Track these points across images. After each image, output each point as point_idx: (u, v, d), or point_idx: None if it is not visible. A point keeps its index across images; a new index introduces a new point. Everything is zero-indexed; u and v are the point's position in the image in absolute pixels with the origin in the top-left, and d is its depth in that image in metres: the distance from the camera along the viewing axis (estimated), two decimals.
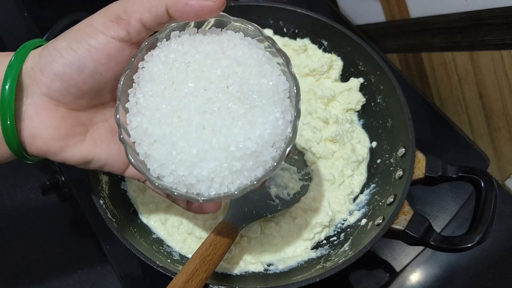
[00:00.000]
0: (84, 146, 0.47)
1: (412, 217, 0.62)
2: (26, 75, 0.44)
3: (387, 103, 0.76)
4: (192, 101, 0.44)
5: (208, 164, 0.43)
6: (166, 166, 0.44)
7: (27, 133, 0.44)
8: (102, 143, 0.48)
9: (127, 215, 0.67)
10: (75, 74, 0.44)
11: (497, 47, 0.80)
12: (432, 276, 0.76)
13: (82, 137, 0.47)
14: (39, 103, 0.44)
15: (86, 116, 0.48)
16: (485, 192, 0.62)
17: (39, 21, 0.98)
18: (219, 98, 0.44)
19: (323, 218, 0.69)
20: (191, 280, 0.51)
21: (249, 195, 0.66)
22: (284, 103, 0.45)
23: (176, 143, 0.43)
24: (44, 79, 0.44)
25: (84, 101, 0.47)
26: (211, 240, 0.57)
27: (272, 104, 0.44)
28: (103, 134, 0.49)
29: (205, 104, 0.43)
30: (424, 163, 0.67)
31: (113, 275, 0.72)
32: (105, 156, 0.49)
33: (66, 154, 0.46)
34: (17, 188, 0.82)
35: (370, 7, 1.03)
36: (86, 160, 0.48)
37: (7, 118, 0.43)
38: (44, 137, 0.45)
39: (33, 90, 0.44)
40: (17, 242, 0.77)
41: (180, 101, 0.44)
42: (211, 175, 0.43)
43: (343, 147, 0.75)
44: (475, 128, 0.93)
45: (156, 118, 0.44)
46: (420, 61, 0.99)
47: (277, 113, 0.44)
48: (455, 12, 0.85)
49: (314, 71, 0.81)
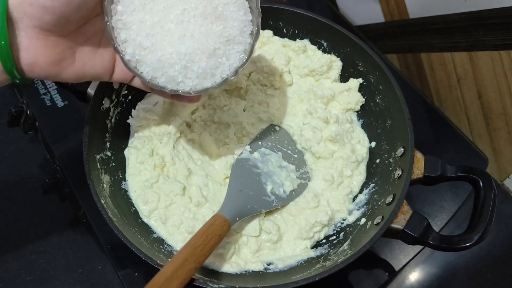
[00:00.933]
0: (75, 66, 0.54)
1: (411, 217, 0.62)
2: (15, 10, 0.48)
3: (386, 103, 0.76)
4: (171, 12, 0.53)
5: (196, 64, 0.54)
6: (157, 69, 0.55)
7: (25, 62, 0.50)
8: (89, 60, 0.55)
9: (127, 214, 0.67)
10: (64, 6, 0.48)
11: (496, 47, 0.80)
12: (431, 275, 0.76)
13: (73, 59, 0.54)
14: (32, 35, 0.49)
15: (72, 39, 0.54)
16: (484, 192, 0.63)
17: None
18: (192, 8, 0.53)
19: (323, 217, 0.69)
20: (180, 269, 0.52)
21: (245, 190, 0.68)
22: (245, 6, 0.57)
23: (165, 50, 0.53)
24: (35, 13, 0.48)
25: (72, 27, 0.52)
26: (202, 231, 0.58)
27: (237, 10, 0.56)
28: (87, 53, 0.55)
29: (181, 14, 0.53)
30: (423, 163, 0.67)
31: (114, 274, 0.72)
32: (93, 70, 0.56)
33: (62, 76, 0.53)
34: (18, 188, 0.82)
35: (369, 7, 1.04)
36: (78, 77, 0.55)
37: (1, 39, 0.47)
38: (42, 65, 0.51)
39: (24, 24, 0.48)
40: (18, 242, 0.77)
41: (160, 14, 0.53)
42: (199, 71, 0.55)
43: (343, 147, 0.76)
44: (474, 128, 0.94)
45: (143, 30, 0.53)
46: (420, 61, 0.99)
47: (242, 16, 0.56)
48: (455, 13, 0.85)
49: (313, 72, 0.81)
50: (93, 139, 0.68)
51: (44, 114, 0.85)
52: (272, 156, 0.75)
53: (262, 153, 0.75)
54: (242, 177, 0.71)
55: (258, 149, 0.75)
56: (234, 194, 0.68)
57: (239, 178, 0.71)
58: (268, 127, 0.79)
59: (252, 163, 0.73)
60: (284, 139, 0.78)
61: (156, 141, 0.75)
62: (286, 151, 0.77)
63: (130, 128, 0.77)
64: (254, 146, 0.76)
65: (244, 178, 0.71)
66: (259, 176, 0.72)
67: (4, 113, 0.88)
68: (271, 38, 0.84)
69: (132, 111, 0.77)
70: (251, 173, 0.72)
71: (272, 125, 0.79)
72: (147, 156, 0.72)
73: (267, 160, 0.74)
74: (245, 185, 0.70)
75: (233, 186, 0.70)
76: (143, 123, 0.76)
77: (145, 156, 0.72)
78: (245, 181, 0.71)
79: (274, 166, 0.74)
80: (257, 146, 0.76)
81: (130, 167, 0.72)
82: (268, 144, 0.77)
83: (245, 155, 0.74)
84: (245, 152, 0.75)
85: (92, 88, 0.71)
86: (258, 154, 0.74)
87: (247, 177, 0.71)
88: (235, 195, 0.68)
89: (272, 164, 0.74)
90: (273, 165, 0.74)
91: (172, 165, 0.73)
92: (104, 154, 0.71)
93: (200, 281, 0.57)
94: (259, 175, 0.72)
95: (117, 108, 0.76)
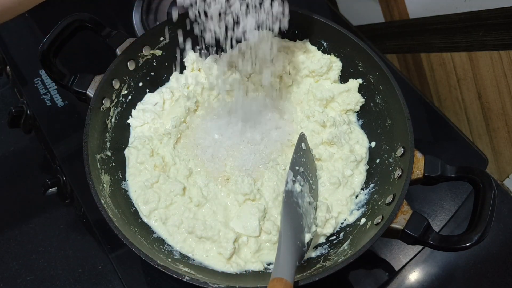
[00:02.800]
0: None
1: (411, 217, 0.62)
2: None
3: (386, 103, 0.76)
4: None
5: None
6: None
7: None
8: None
9: (127, 214, 0.67)
10: None
11: (496, 47, 0.80)
12: (431, 275, 0.76)
13: None
14: None
15: None
16: (484, 192, 0.63)
17: (40, 22, 0.98)
18: None
19: (328, 230, 0.69)
20: None
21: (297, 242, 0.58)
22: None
23: None
24: None
25: None
26: None
27: None
28: None
29: None
30: (423, 163, 0.67)
31: (114, 274, 0.72)
32: None
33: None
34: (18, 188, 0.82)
35: (369, 7, 1.04)
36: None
37: None
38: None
39: None
40: (18, 242, 0.77)
41: None
42: None
43: (341, 148, 0.76)
44: (474, 128, 0.94)
45: None
46: (419, 61, 0.99)
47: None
48: (454, 13, 0.85)
49: (313, 72, 0.81)
50: (93, 139, 0.68)
51: (44, 114, 0.85)
52: (305, 188, 0.65)
53: (300, 184, 0.64)
54: (293, 221, 0.59)
55: (297, 177, 0.64)
56: (291, 247, 0.56)
57: (291, 223, 0.58)
58: (298, 139, 0.70)
59: (296, 198, 0.62)
60: (308, 162, 0.69)
61: (156, 141, 0.75)
62: (310, 181, 0.67)
63: (130, 128, 0.77)
64: (294, 171, 0.64)
65: (295, 222, 0.59)
66: (301, 219, 0.60)
67: (4, 113, 0.88)
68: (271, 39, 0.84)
69: (132, 111, 0.77)
70: (296, 214, 0.60)
71: (301, 137, 0.71)
72: (147, 156, 0.72)
73: (303, 194, 0.64)
74: (297, 234, 0.58)
75: (288, 235, 0.57)
76: (143, 123, 0.76)
77: (145, 156, 0.72)
78: (296, 227, 0.59)
79: (307, 203, 0.64)
80: (296, 172, 0.65)
81: (130, 167, 0.73)
82: (301, 169, 0.66)
83: (290, 185, 0.62)
84: (290, 182, 0.63)
85: (92, 88, 0.71)
86: (299, 187, 0.64)
87: (296, 221, 0.59)
88: (293, 250, 0.56)
89: (306, 200, 0.64)
90: (306, 202, 0.64)
91: (173, 165, 0.73)
92: (104, 154, 0.71)
93: (200, 281, 0.57)
94: (301, 217, 0.61)
95: (117, 108, 0.76)
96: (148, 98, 0.79)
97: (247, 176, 0.72)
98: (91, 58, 0.91)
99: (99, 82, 0.71)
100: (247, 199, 0.70)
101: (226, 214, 0.70)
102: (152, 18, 0.99)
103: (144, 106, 0.77)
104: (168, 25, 0.77)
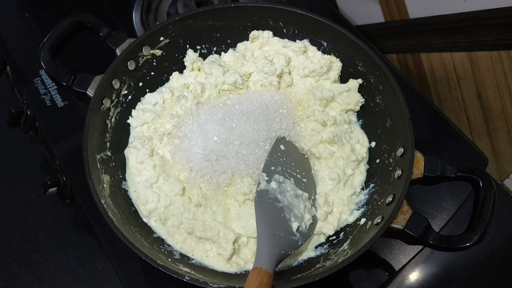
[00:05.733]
0: None
1: (411, 217, 0.62)
2: None
3: (386, 103, 0.76)
4: None
5: None
6: None
7: None
8: None
9: (127, 214, 0.67)
10: None
11: (496, 47, 0.81)
12: (431, 275, 0.76)
13: None
14: None
15: None
16: (484, 192, 0.63)
17: (40, 22, 0.98)
18: None
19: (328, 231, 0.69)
20: None
21: (276, 232, 0.63)
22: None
23: None
24: None
25: None
26: None
27: None
28: None
29: None
30: (423, 163, 0.67)
31: (114, 274, 0.72)
32: None
33: None
34: (18, 188, 0.82)
35: (369, 8, 1.04)
36: None
37: None
38: None
39: None
40: (18, 241, 0.77)
41: None
42: None
43: (342, 147, 0.76)
44: (474, 128, 0.94)
45: None
46: (419, 61, 0.99)
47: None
48: (454, 13, 0.85)
49: (313, 72, 0.81)
50: (93, 139, 0.68)
51: (44, 114, 0.85)
52: (287, 184, 0.69)
53: (278, 181, 0.68)
54: (268, 215, 0.64)
55: (273, 177, 0.69)
56: (267, 239, 0.61)
57: (265, 217, 0.64)
58: (274, 143, 0.73)
59: (272, 195, 0.67)
60: (291, 160, 0.73)
61: (156, 141, 0.75)
62: (297, 176, 0.71)
63: (130, 128, 0.77)
64: (268, 172, 0.69)
65: (270, 216, 0.64)
66: (282, 211, 0.66)
67: (4, 113, 0.88)
68: (271, 39, 0.84)
69: (132, 111, 0.77)
70: (275, 208, 0.65)
71: (278, 141, 0.74)
72: (147, 156, 0.72)
73: (284, 190, 0.68)
74: (274, 225, 0.63)
75: (263, 228, 0.63)
76: (143, 123, 0.76)
77: (145, 156, 0.72)
78: (273, 220, 0.64)
79: (291, 196, 0.68)
80: (271, 172, 0.69)
81: (130, 167, 0.73)
82: (279, 168, 0.70)
83: (263, 185, 0.67)
84: (263, 182, 0.68)
85: (92, 88, 0.71)
86: (275, 184, 0.68)
87: (272, 214, 0.65)
88: (269, 241, 0.61)
89: (289, 194, 0.68)
90: (290, 195, 0.68)
91: (172, 165, 0.73)
92: (104, 154, 0.71)
93: (200, 281, 0.57)
94: (282, 210, 0.66)
95: (117, 108, 0.76)
96: (148, 98, 0.79)
97: (247, 176, 0.72)
98: (91, 58, 0.91)
99: (99, 82, 0.71)
100: (247, 199, 0.70)
101: (226, 214, 0.70)
102: (152, 18, 0.99)
103: (144, 106, 0.77)
104: (168, 25, 0.77)
